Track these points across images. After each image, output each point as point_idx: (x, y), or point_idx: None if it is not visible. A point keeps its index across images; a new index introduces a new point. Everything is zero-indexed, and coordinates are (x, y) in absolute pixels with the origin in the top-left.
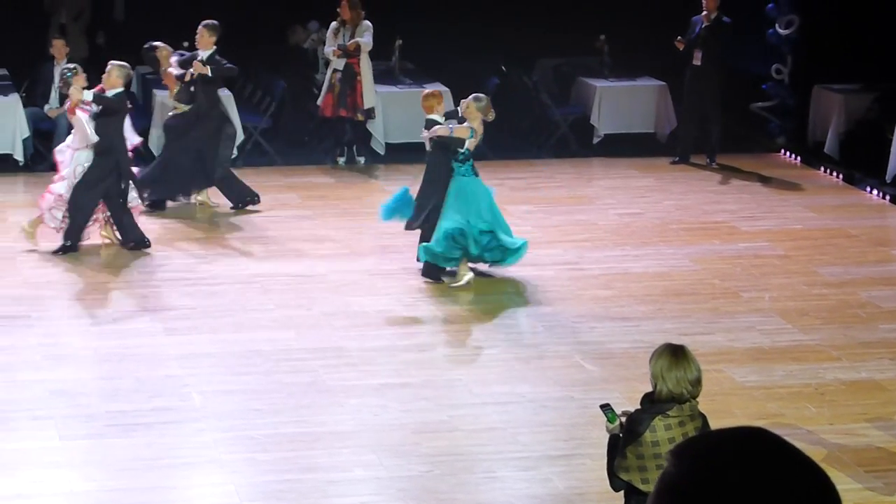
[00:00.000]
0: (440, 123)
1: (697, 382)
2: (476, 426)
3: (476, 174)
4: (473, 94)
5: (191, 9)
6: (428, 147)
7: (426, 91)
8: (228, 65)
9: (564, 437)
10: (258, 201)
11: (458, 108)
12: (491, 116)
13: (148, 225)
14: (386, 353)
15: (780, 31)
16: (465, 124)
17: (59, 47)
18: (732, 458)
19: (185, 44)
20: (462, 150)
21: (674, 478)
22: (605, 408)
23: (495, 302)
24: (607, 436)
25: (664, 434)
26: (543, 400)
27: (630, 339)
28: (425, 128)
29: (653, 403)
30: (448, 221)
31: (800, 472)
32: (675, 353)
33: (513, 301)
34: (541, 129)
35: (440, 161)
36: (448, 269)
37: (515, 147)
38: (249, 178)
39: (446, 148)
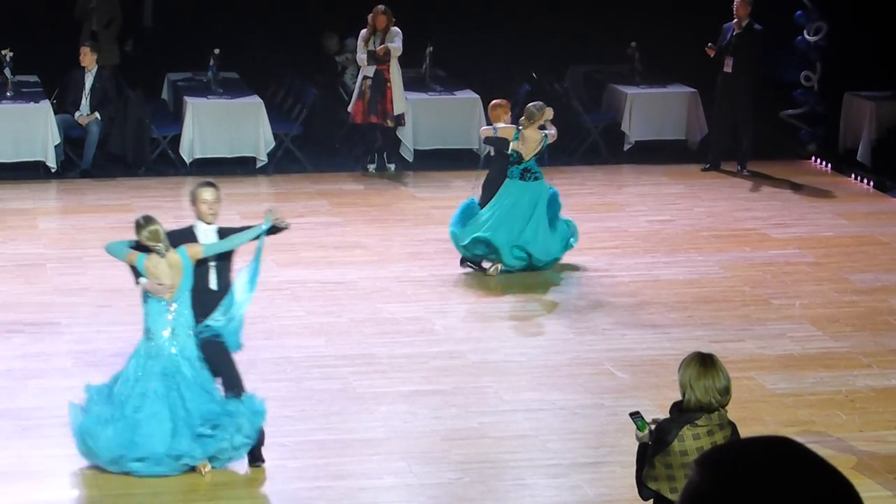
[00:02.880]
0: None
1: (726, 391)
2: (506, 433)
3: (529, 178)
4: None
5: (219, 16)
6: (491, 153)
7: (493, 101)
8: None
9: (594, 444)
10: None
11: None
12: (542, 119)
13: None
14: (416, 360)
15: (809, 38)
16: (511, 125)
17: (86, 54)
18: (756, 468)
19: (216, 51)
20: (509, 152)
21: (698, 487)
22: (635, 416)
23: (526, 310)
24: (637, 444)
25: (692, 443)
26: (573, 407)
27: (660, 346)
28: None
29: (681, 412)
30: (485, 229)
31: (824, 481)
32: (703, 362)
33: (543, 309)
34: (572, 136)
35: (498, 165)
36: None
37: (546, 154)
38: (280, 184)
39: (501, 152)
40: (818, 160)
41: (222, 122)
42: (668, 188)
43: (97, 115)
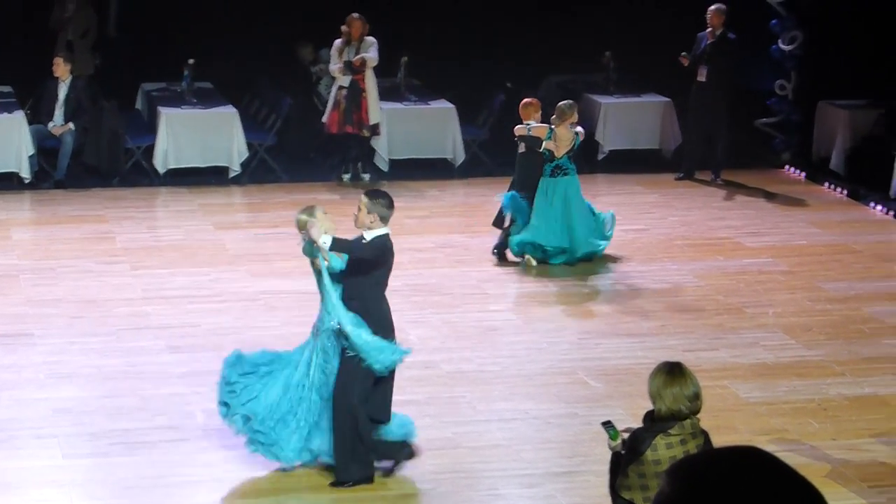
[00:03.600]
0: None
1: (696, 398)
2: (480, 443)
3: (559, 175)
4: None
5: (193, 26)
6: (521, 149)
7: (525, 100)
8: None
9: (568, 454)
10: None
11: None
12: (573, 118)
13: (151, 242)
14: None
15: (784, 46)
16: (544, 125)
17: (59, 65)
18: (726, 478)
19: (191, 61)
20: (542, 150)
21: (669, 497)
22: (607, 425)
23: (499, 319)
24: (610, 453)
25: (666, 452)
26: (547, 417)
27: (634, 355)
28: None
29: (654, 422)
30: (528, 231)
31: (794, 490)
32: (671, 371)
33: (517, 318)
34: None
35: (530, 162)
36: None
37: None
38: (254, 194)
39: (533, 149)
40: (792, 169)
41: (196, 132)
42: (643, 197)
43: (71, 125)
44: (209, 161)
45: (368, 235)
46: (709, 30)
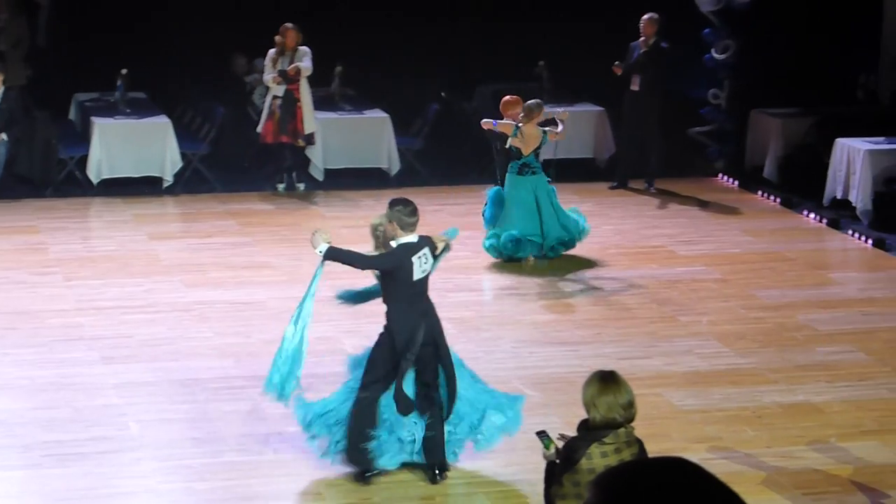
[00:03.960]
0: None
1: (630, 406)
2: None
3: (526, 173)
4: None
5: (126, 36)
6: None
7: (506, 98)
8: None
9: (504, 462)
10: None
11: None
12: (541, 117)
13: (84, 253)
14: (326, 380)
15: (717, 55)
16: (510, 122)
17: None
18: (651, 490)
19: (124, 71)
20: (508, 147)
21: None
22: (541, 434)
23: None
24: (545, 462)
25: (600, 461)
26: None
27: (569, 363)
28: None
29: (588, 431)
30: (508, 228)
31: (718, 501)
32: (604, 379)
33: (453, 327)
34: (481, 155)
35: (500, 160)
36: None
37: (456, 172)
38: (188, 204)
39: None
40: (725, 177)
41: (130, 142)
42: (577, 206)
43: (4, 136)
44: (143, 171)
45: (393, 245)
46: (642, 39)
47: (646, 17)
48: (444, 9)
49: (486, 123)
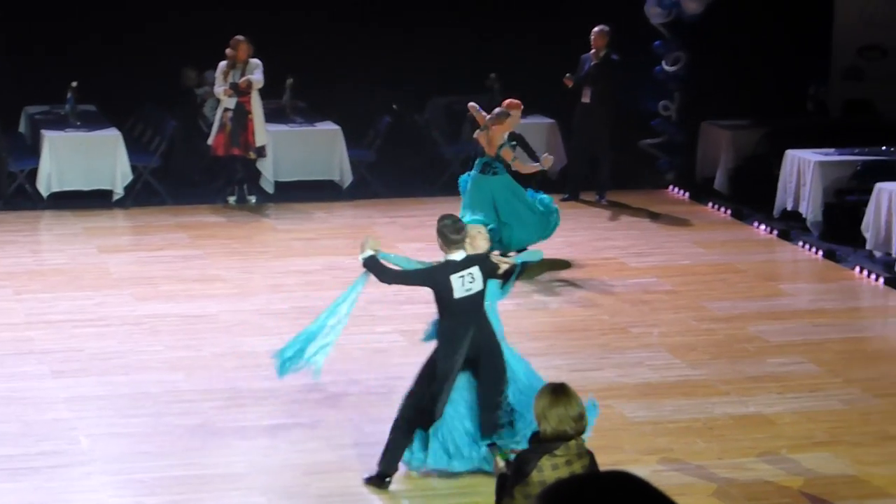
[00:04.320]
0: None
1: (580, 418)
2: (368, 465)
3: (488, 172)
4: None
5: (76, 48)
6: None
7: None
8: None
9: (455, 475)
10: None
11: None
12: (505, 128)
13: (34, 266)
14: (276, 394)
15: (667, 67)
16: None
17: None
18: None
19: (74, 83)
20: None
21: None
22: (493, 447)
23: (386, 340)
24: (496, 475)
25: (551, 473)
26: None
27: None
28: None
29: (540, 443)
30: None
31: None
32: (555, 391)
33: (404, 339)
34: (433, 167)
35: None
36: None
37: (407, 185)
38: (138, 217)
39: None
40: (676, 189)
41: (80, 155)
42: None
43: None
44: (93, 184)
45: (440, 260)
46: (593, 51)
47: (596, 29)
48: (395, 21)
49: (472, 107)
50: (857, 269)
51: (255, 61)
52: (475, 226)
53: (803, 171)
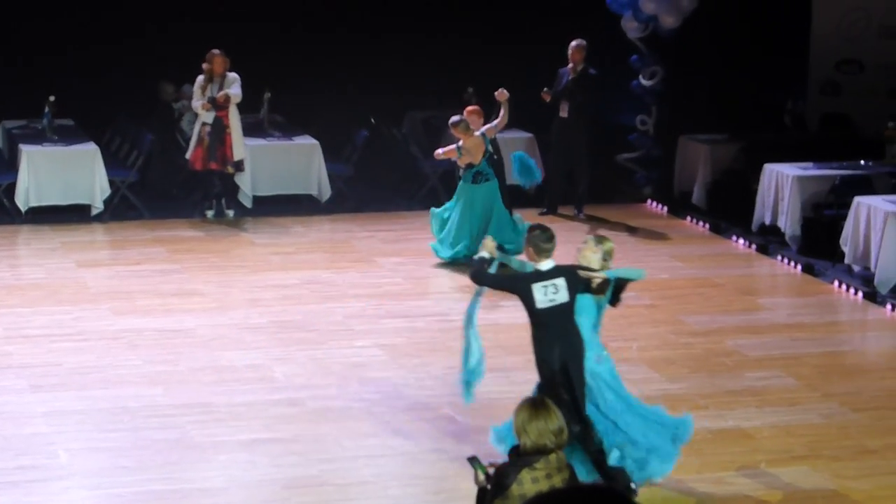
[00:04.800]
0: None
1: (560, 432)
2: (347, 480)
3: (480, 181)
4: None
5: (53, 62)
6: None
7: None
8: None
9: (434, 489)
10: None
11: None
12: (472, 129)
13: (12, 281)
14: (255, 408)
15: (644, 82)
16: (451, 146)
17: None
18: None
19: (52, 98)
20: (462, 167)
21: None
22: (473, 461)
23: (365, 355)
24: (476, 488)
25: (531, 486)
26: (414, 452)
27: (500, 389)
28: None
29: (519, 456)
30: (454, 244)
31: None
32: (535, 405)
33: (383, 353)
34: (411, 182)
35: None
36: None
37: (386, 199)
38: (116, 232)
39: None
40: (654, 203)
41: (58, 170)
42: None
43: None
44: (71, 199)
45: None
46: (570, 65)
47: (574, 43)
48: (372, 36)
49: (438, 156)
50: (836, 283)
51: (233, 75)
52: (588, 240)
53: (781, 186)
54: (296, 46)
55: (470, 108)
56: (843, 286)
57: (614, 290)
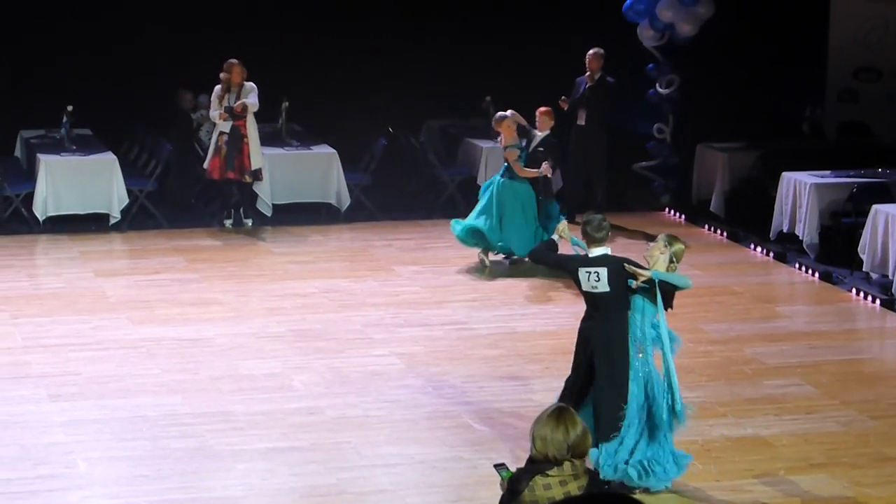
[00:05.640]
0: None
1: (568, 447)
2: (365, 489)
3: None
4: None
5: (71, 72)
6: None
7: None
8: None
9: (453, 497)
10: None
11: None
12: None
13: (31, 290)
14: (274, 417)
15: (661, 90)
16: (512, 149)
17: None
18: None
19: (70, 107)
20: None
21: None
22: (500, 466)
23: (384, 363)
24: (497, 496)
25: (543, 493)
26: (432, 461)
27: (519, 397)
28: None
29: (533, 463)
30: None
31: None
32: (550, 414)
33: (402, 362)
34: (429, 190)
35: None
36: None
37: (404, 207)
38: (134, 241)
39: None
40: (672, 211)
41: (76, 179)
42: None
43: None
44: (89, 208)
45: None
46: (587, 74)
47: (591, 52)
48: (390, 45)
49: (526, 172)
50: (854, 291)
51: (251, 85)
52: (659, 239)
53: (799, 194)
54: (313, 56)
55: (542, 108)
56: (862, 294)
57: (664, 295)
